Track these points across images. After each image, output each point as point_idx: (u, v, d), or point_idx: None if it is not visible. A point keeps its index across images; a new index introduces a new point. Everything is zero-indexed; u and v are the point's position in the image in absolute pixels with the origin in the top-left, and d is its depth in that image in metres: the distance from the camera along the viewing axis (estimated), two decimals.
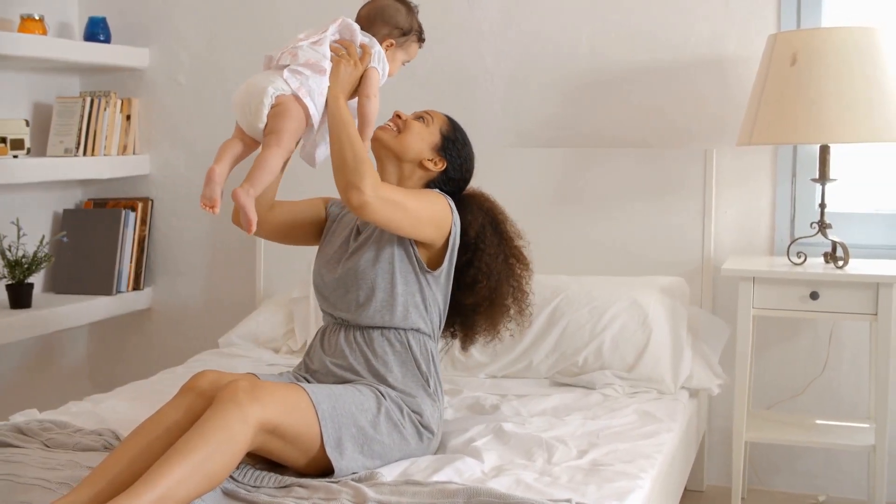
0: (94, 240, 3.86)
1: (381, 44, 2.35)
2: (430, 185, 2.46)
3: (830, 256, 3.01)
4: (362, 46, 2.31)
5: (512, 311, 2.49)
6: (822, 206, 3.03)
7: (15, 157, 3.45)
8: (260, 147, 2.24)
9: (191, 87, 3.93)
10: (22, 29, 3.54)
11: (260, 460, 2.19)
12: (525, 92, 3.54)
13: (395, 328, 2.34)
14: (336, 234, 2.48)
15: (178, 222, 3.99)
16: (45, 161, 3.60)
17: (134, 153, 3.95)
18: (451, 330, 2.54)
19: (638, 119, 3.42)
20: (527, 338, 3.02)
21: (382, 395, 2.27)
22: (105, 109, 3.77)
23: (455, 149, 2.46)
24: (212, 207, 2.12)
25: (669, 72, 3.37)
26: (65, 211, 3.93)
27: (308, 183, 2.84)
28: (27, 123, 3.52)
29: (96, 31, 3.83)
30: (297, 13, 3.76)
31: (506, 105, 3.55)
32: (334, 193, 2.62)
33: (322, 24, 2.32)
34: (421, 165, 2.43)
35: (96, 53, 3.76)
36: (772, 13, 3.26)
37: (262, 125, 2.19)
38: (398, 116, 2.46)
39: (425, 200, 2.33)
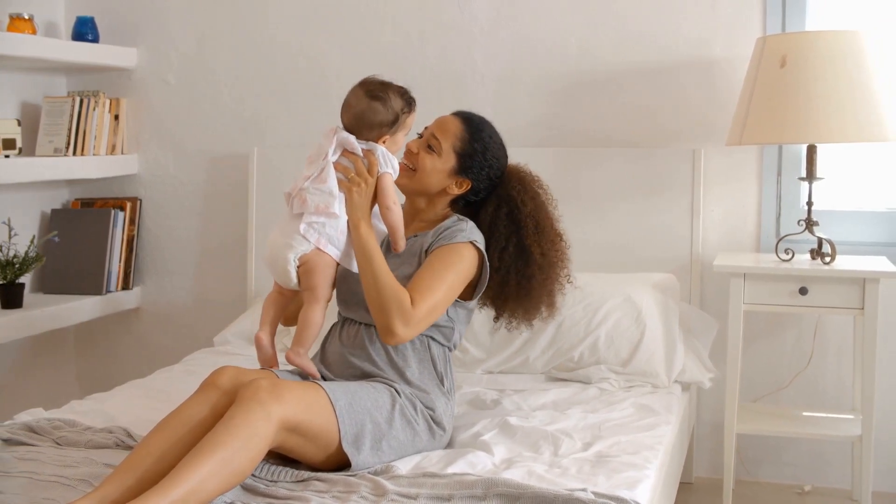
0: (83, 240, 3.85)
1: (378, 141, 2.31)
2: (459, 199, 2.48)
3: (817, 253, 3.10)
4: (366, 155, 2.29)
5: (543, 301, 2.50)
6: (810, 203, 3.12)
7: (6, 156, 3.44)
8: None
9: (179, 86, 3.94)
10: (11, 28, 3.52)
11: (274, 456, 2.22)
12: (515, 92, 3.60)
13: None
14: None
15: (166, 222, 3.99)
16: (36, 161, 3.59)
17: (122, 153, 3.94)
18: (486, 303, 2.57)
19: (626, 119, 3.49)
20: (523, 334, 3.07)
21: (397, 392, 2.31)
22: (94, 109, 3.76)
23: (475, 164, 2.43)
24: (271, 367, 2.31)
25: (657, 73, 3.45)
26: (53, 211, 3.92)
27: None
28: (19, 123, 3.51)
29: (84, 30, 3.82)
30: (287, 12, 3.78)
31: (496, 105, 3.60)
32: None
33: (320, 146, 2.30)
34: (445, 193, 2.45)
35: (85, 53, 3.76)
36: (757, 16, 3.34)
37: (293, 285, 2.29)
38: (411, 151, 2.44)
39: (452, 271, 2.31)
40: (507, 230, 2.44)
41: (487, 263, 2.41)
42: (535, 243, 2.44)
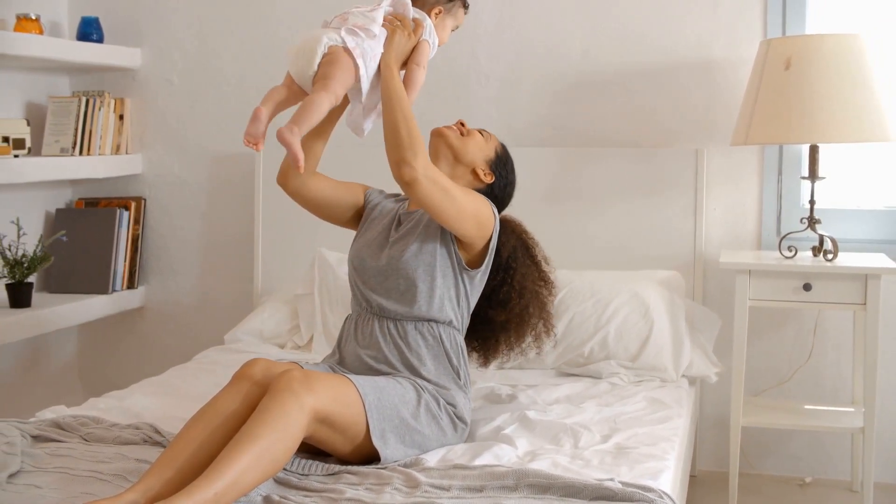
0: (88, 239, 3.86)
1: (430, 14, 2.44)
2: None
3: (819, 250, 3.18)
4: (414, 20, 2.40)
5: (538, 330, 2.64)
6: (812, 202, 3.19)
7: (16, 156, 3.45)
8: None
9: (183, 86, 3.96)
10: (19, 28, 3.54)
11: (303, 450, 2.25)
12: (519, 93, 3.65)
13: (430, 320, 2.43)
14: (376, 221, 2.57)
15: (171, 221, 4.01)
16: (43, 161, 3.60)
17: (127, 153, 3.96)
18: (474, 345, 2.67)
19: (629, 119, 3.55)
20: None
21: (421, 388, 2.35)
22: (99, 109, 3.78)
23: (504, 170, 2.60)
24: (255, 144, 2.16)
25: (659, 74, 3.51)
26: (57, 210, 3.93)
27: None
28: (28, 123, 3.52)
29: (89, 31, 3.83)
30: (290, 13, 3.81)
31: (500, 105, 3.66)
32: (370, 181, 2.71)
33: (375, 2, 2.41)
34: (473, 172, 2.55)
35: (89, 53, 3.77)
36: (758, 19, 3.42)
37: (312, 72, 2.24)
38: (462, 124, 2.58)
39: (471, 197, 2.42)
40: (526, 261, 2.61)
41: (496, 235, 2.49)
42: (542, 284, 2.66)
